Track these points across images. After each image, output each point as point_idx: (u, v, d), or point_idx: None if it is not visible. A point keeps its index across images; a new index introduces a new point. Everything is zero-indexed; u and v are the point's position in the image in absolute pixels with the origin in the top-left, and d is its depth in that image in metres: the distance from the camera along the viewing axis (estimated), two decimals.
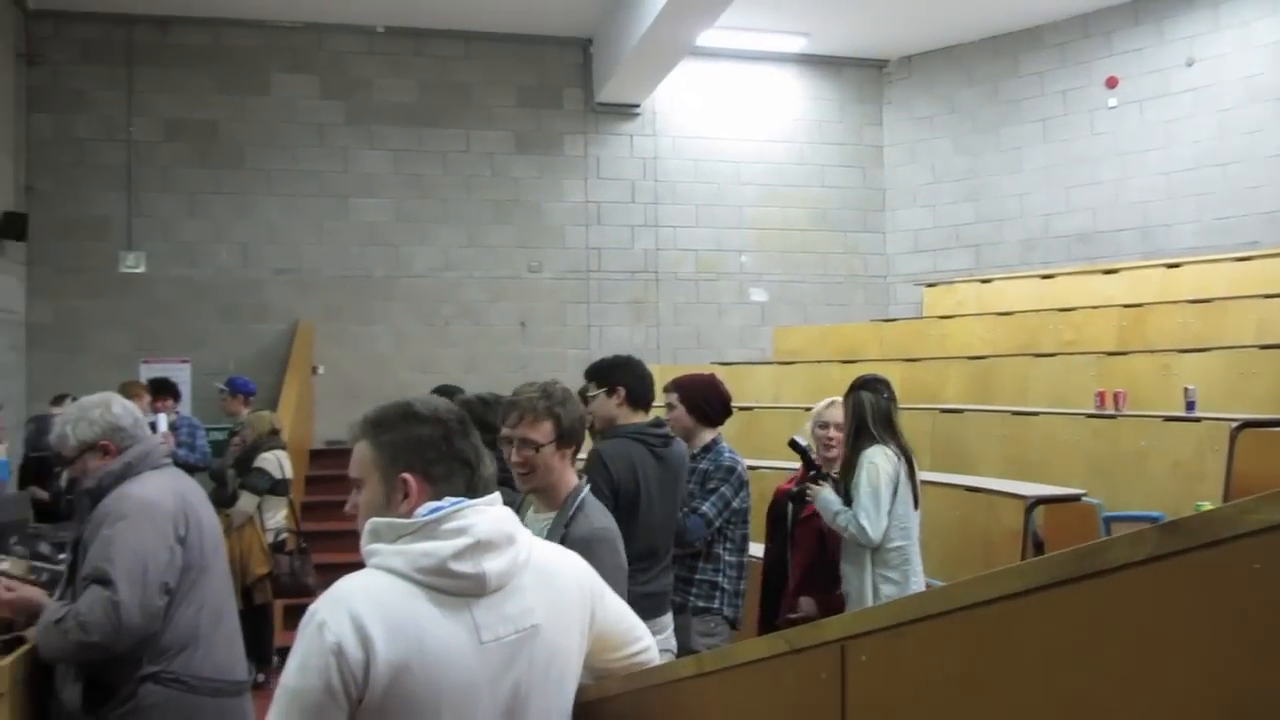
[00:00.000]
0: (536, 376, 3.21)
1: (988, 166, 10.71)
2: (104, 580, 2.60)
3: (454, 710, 1.52)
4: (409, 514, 1.59)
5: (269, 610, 6.18)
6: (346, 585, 1.54)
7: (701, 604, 3.85)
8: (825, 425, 4.28)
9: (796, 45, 10.64)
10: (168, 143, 9.71)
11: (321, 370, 9.75)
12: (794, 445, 4.19)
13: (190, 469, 5.52)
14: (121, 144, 9.57)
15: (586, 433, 3.05)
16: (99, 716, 2.67)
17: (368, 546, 1.59)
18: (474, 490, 1.65)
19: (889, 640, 1.19)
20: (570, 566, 1.75)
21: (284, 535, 6.18)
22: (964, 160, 10.88)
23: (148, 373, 8.58)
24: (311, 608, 1.52)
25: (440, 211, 10.24)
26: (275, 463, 6.16)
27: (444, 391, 4.77)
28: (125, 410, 2.90)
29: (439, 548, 1.54)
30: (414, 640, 1.49)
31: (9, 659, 2.68)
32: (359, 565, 1.60)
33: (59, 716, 2.78)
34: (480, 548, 1.55)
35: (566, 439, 2.55)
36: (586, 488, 2.62)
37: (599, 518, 2.54)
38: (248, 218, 9.85)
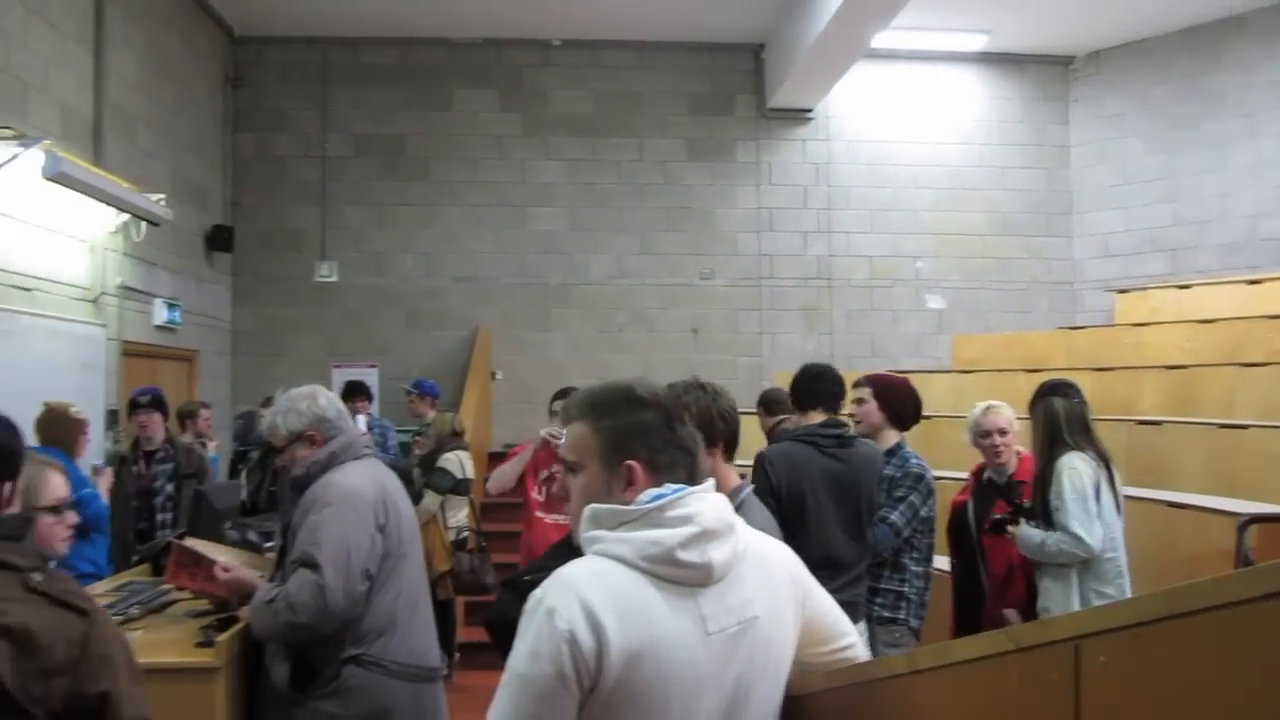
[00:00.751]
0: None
1: (1186, 166, 10.09)
2: (311, 564, 2.72)
3: (682, 702, 1.47)
4: (630, 501, 1.55)
5: (452, 606, 6.36)
6: (572, 572, 1.49)
7: (887, 614, 3.74)
8: (988, 433, 4.05)
9: (977, 43, 10.31)
10: (358, 158, 10.20)
11: (500, 375, 10.03)
12: (992, 483, 4.03)
13: None
14: (317, 160, 10.12)
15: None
16: (304, 695, 2.80)
17: (588, 533, 1.55)
18: (694, 478, 1.60)
19: (1132, 640, 1.11)
20: (781, 556, 1.70)
21: (465, 534, 6.35)
22: (1158, 159, 10.29)
23: (339, 377, 9.03)
24: (535, 594, 1.48)
25: (614, 220, 10.39)
26: (457, 463, 6.35)
27: (562, 395, 4.84)
28: (330, 403, 3.04)
29: (665, 536, 1.49)
30: (645, 629, 1.45)
31: (225, 635, 2.84)
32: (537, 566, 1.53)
33: (268, 693, 2.93)
34: (705, 536, 1.51)
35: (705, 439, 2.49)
36: (748, 489, 2.57)
37: (758, 519, 2.48)
38: (431, 228, 10.24)
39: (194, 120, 9.08)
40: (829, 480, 3.33)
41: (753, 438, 4.26)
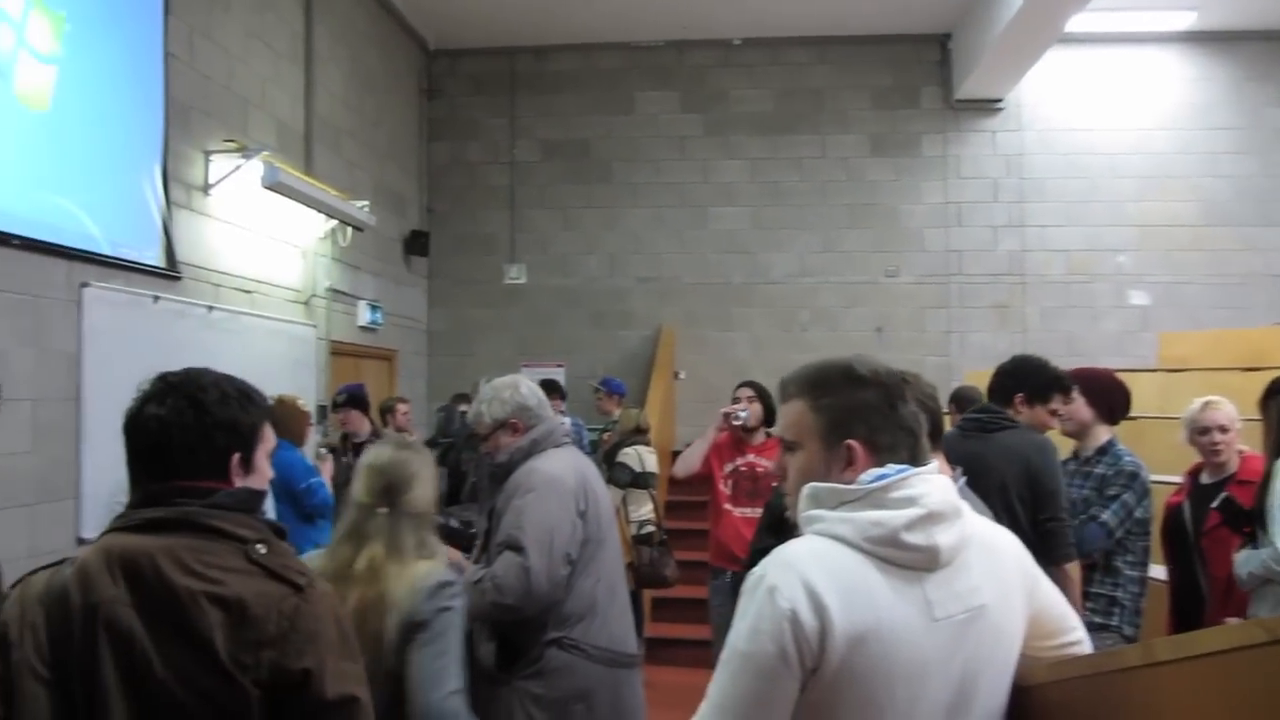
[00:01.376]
0: None
1: None
2: (517, 547, 2.81)
3: (908, 689, 1.43)
4: (850, 482, 1.52)
5: (639, 597, 6.44)
6: (793, 551, 1.47)
7: (1098, 620, 3.55)
8: (1206, 430, 3.79)
9: (1183, 22, 9.70)
10: (545, 162, 10.49)
11: (682, 375, 10.10)
12: (1210, 485, 3.80)
13: None
14: (505, 166, 10.47)
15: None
16: (509, 674, 2.90)
17: (807, 511, 1.53)
18: (916, 459, 1.56)
19: None
20: (1008, 544, 1.64)
21: (648, 528, 6.42)
22: None
23: (528, 376, 9.27)
24: (756, 571, 1.47)
25: (796, 218, 10.30)
26: (635, 457, 6.41)
27: (748, 385, 4.84)
28: (530, 392, 3.14)
29: (889, 517, 1.45)
30: (869, 612, 1.41)
31: None
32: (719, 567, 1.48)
33: (473, 671, 3.04)
34: (931, 519, 1.47)
35: None
36: (962, 479, 2.50)
37: (973, 507, 2.42)
38: (615, 229, 10.42)
39: (393, 131, 9.54)
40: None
41: None
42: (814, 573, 1.42)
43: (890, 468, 1.51)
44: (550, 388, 7.72)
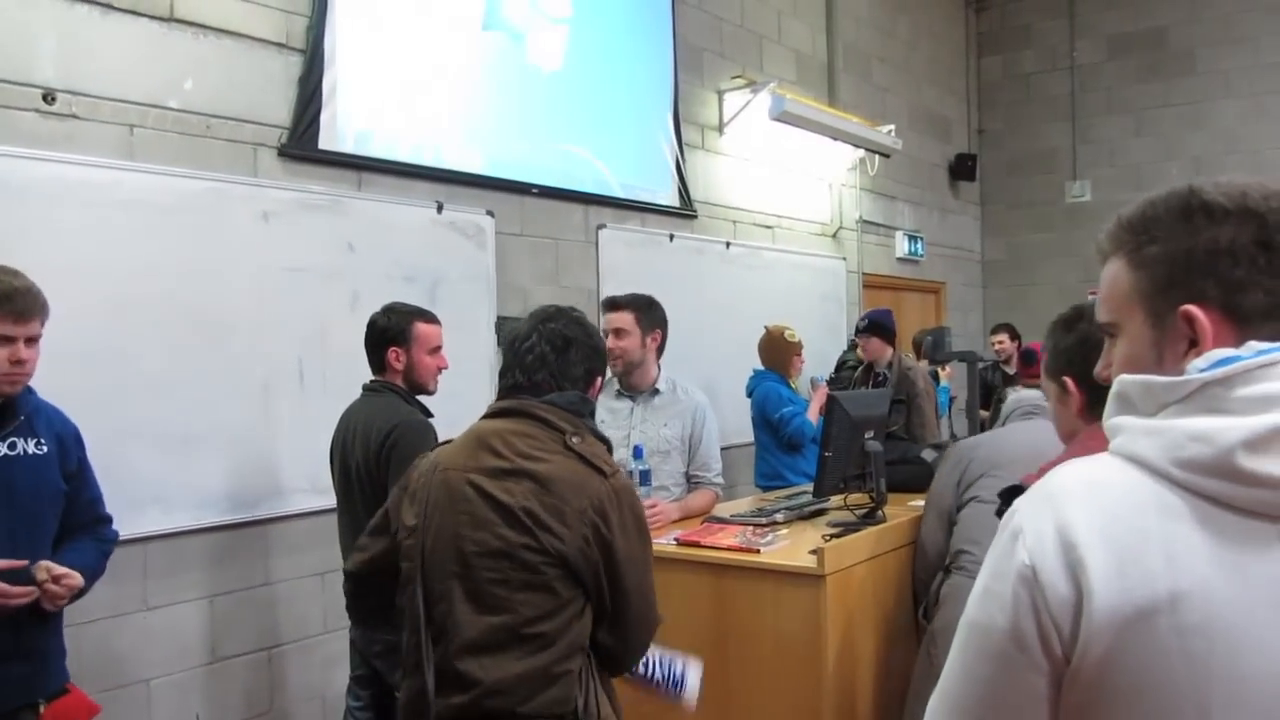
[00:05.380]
0: None
1: None
2: None
3: (1227, 710, 0.88)
4: (1186, 372, 0.95)
5: None
6: (1063, 478, 0.97)
7: None
8: None
9: None
10: (1111, 61, 9.23)
11: None
12: None
13: None
14: (1064, 72, 9.39)
15: None
16: None
17: (1111, 419, 1.00)
18: None
19: None
20: None
21: None
22: None
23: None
24: (1017, 500, 0.99)
25: None
26: None
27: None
28: None
29: (1220, 427, 0.89)
30: (1164, 580, 0.88)
31: (833, 544, 2.71)
32: None
33: None
34: None
35: None
36: None
37: None
38: (1201, 129, 8.85)
39: (931, 50, 9.03)
40: None
41: None
42: (1077, 513, 0.91)
43: (1252, 346, 0.92)
44: None
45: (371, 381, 3.12)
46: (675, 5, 5.98)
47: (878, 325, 5.72)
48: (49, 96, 3.30)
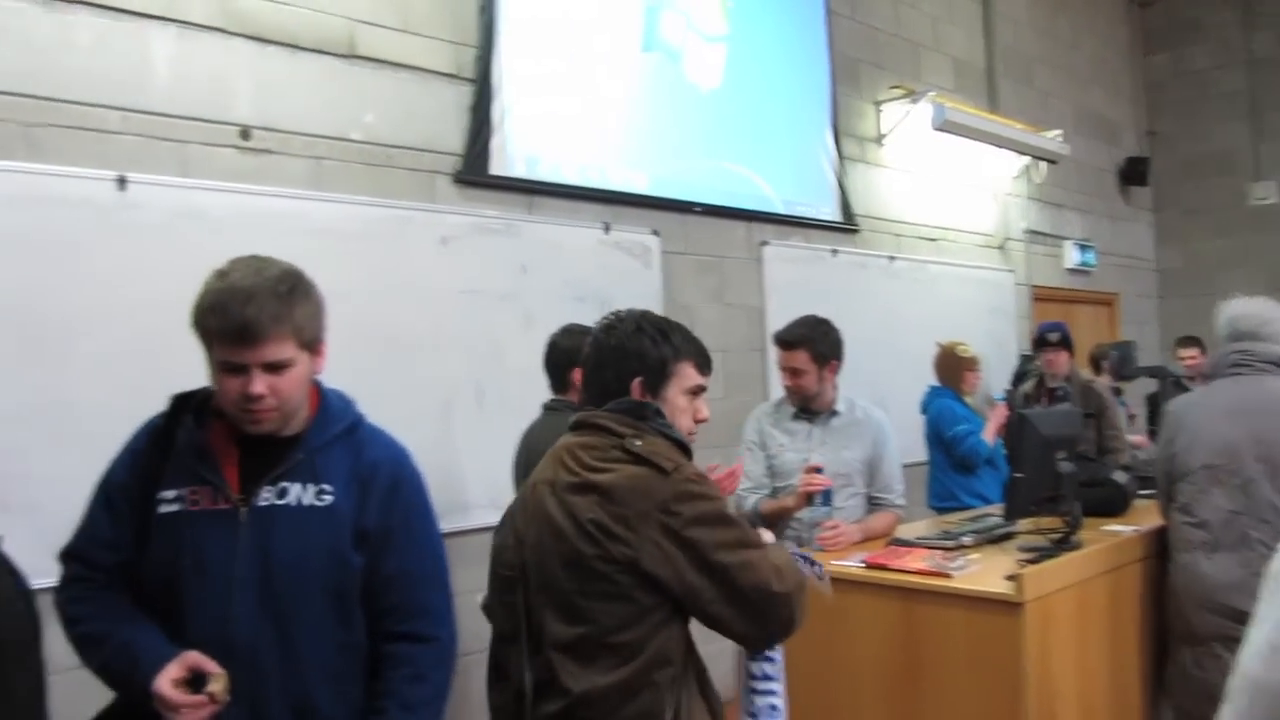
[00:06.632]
0: None
1: None
2: None
3: None
4: None
5: None
6: None
7: None
8: None
9: None
10: None
11: None
12: None
13: None
14: (1240, 66, 8.87)
15: None
16: None
17: None
18: None
19: None
20: None
21: None
22: None
23: None
24: None
25: None
26: None
27: None
28: None
29: None
30: None
31: (1034, 570, 2.59)
32: None
33: None
34: None
35: None
36: None
37: None
38: None
39: (1095, 50, 8.67)
40: None
41: None
42: None
43: None
44: None
45: (552, 400, 3.16)
46: (830, 17, 5.91)
47: (1069, 338, 5.45)
48: (245, 133, 3.48)
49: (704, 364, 2.04)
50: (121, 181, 3.19)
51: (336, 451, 1.76)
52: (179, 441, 1.71)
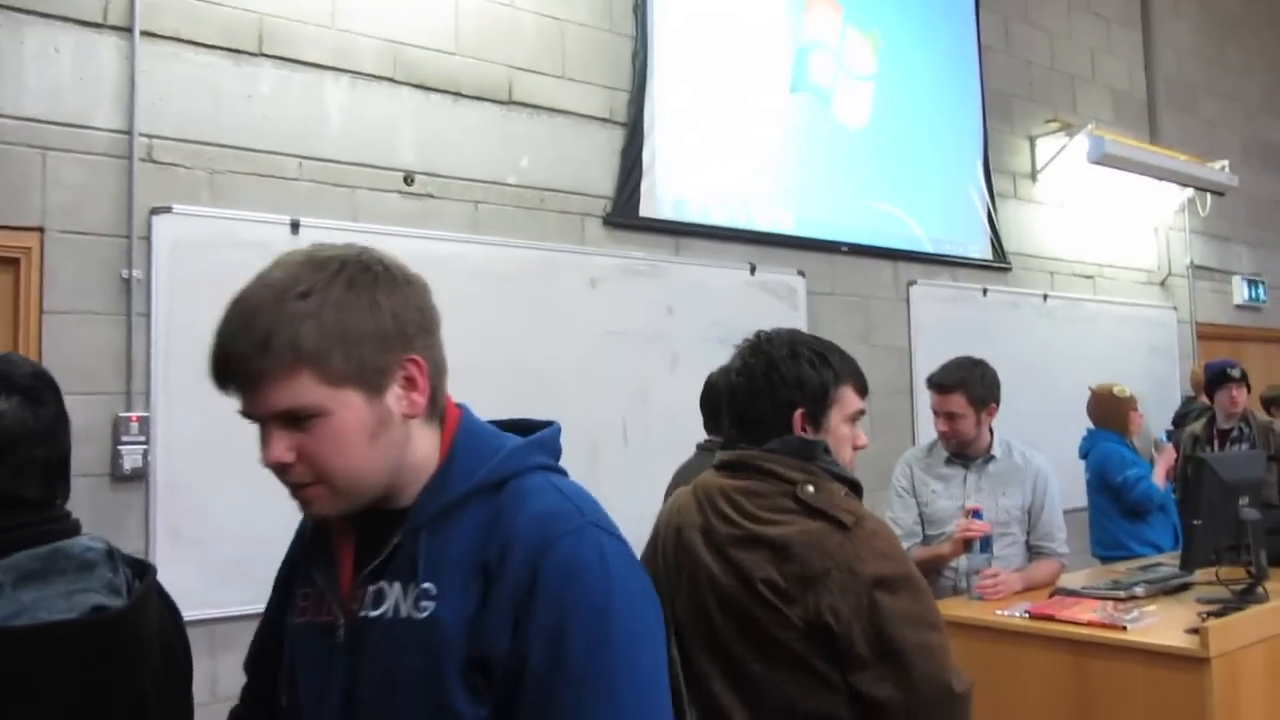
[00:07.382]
0: None
1: None
2: None
3: None
4: None
5: None
6: None
7: None
8: None
9: None
10: None
11: None
12: None
13: None
14: None
15: None
16: None
17: None
18: None
19: None
20: None
21: None
22: None
23: None
24: None
25: None
26: None
27: None
28: None
29: None
30: None
31: (1218, 622, 2.43)
32: None
33: None
34: None
35: None
36: None
37: None
38: None
39: (1267, 77, 8.24)
40: None
41: None
42: None
43: None
44: None
45: (706, 440, 3.15)
46: (982, 52, 5.80)
47: (1247, 375, 5.16)
48: (409, 178, 3.62)
49: (862, 386, 1.84)
50: (295, 226, 3.36)
51: (459, 526, 1.07)
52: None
